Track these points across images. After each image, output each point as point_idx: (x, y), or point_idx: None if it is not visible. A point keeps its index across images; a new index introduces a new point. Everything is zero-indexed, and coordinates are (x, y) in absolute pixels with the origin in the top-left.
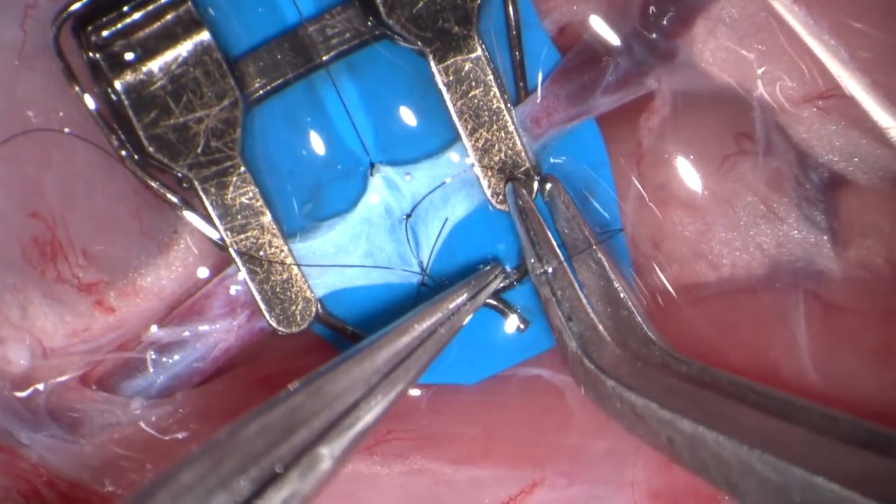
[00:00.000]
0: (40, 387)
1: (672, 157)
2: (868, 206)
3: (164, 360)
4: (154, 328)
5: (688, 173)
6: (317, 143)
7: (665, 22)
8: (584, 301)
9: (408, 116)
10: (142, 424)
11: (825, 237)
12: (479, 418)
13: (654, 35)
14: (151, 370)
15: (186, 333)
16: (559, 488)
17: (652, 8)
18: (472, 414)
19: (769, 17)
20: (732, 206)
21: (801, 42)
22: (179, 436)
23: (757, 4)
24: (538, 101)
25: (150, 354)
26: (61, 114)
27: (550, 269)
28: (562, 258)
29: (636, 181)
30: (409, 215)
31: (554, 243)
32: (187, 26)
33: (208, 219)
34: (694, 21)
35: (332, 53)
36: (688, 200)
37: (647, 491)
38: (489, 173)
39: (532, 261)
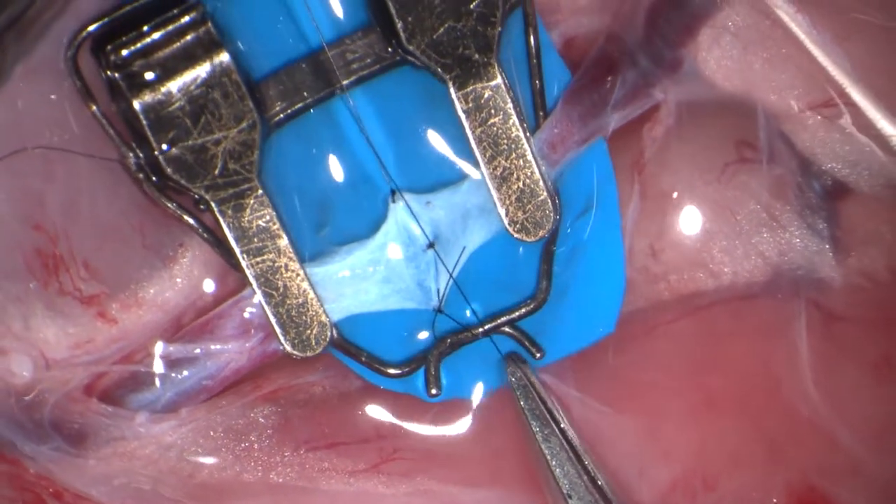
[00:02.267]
0: (44, 399)
1: (674, 165)
2: (870, 214)
3: (173, 375)
4: (162, 344)
5: (690, 182)
6: (336, 168)
7: (670, 31)
8: (584, 477)
9: (427, 143)
10: (145, 439)
11: (827, 245)
12: (486, 438)
13: (660, 45)
14: (158, 385)
15: (197, 351)
16: None
17: (657, 18)
18: (479, 434)
19: (773, 25)
20: (735, 214)
21: (806, 50)
22: (183, 451)
23: (761, 13)
24: (554, 126)
25: (159, 369)
26: (67, 131)
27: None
28: (559, 435)
29: (637, 190)
30: (431, 244)
31: (550, 419)
32: (207, 47)
33: (224, 241)
34: (699, 30)
35: (353, 78)
36: (689, 209)
37: None
38: (507, 202)
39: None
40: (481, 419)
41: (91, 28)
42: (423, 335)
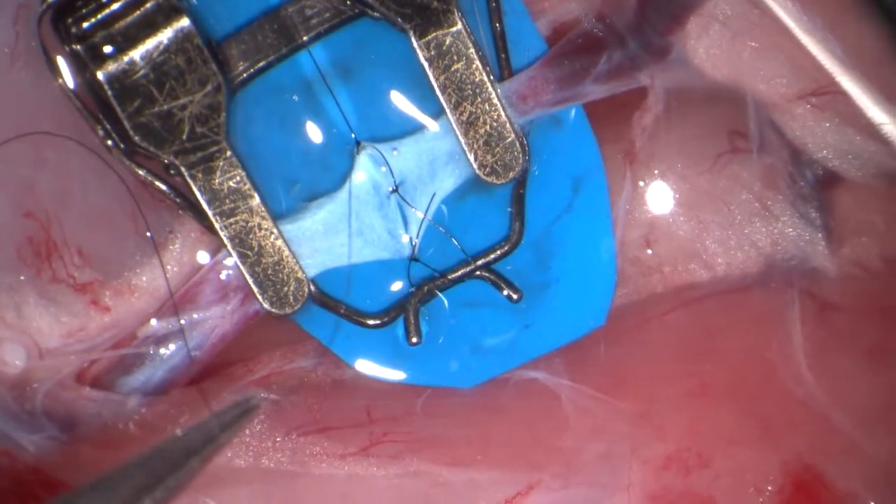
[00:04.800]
0: (37, 387)
1: (666, 155)
2: (862, 203)
3: (161, 351)
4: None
5: (682, 172)
6: (302, 124)
7: (659, 19)
8: None
9: (391, 93)
10: (138, 424)
11: (820, 235)
12: (476, 421)
13: (649, 31)
14: (148, 364)
15: (182, 322)
16: (555, 490)
17: (646, 5)
18: (468, 416)
19: (763, 14)
20: (727, 205)
21: (795, 39)
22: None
23: (750, 2)
24: (526, 79)
25: (147, 348)
26: (57, 116)
27: None
28: None
29: (628, 181)
30: (394, 189)
31: None
32: (167, 14)
33: (197, 204)
34: (687, 18)
35: (313, 34)
36: (681, 199)
37: (643, 494)
38: (475, 146)
39: None
40: (471, 403)
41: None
42: (400, 284)
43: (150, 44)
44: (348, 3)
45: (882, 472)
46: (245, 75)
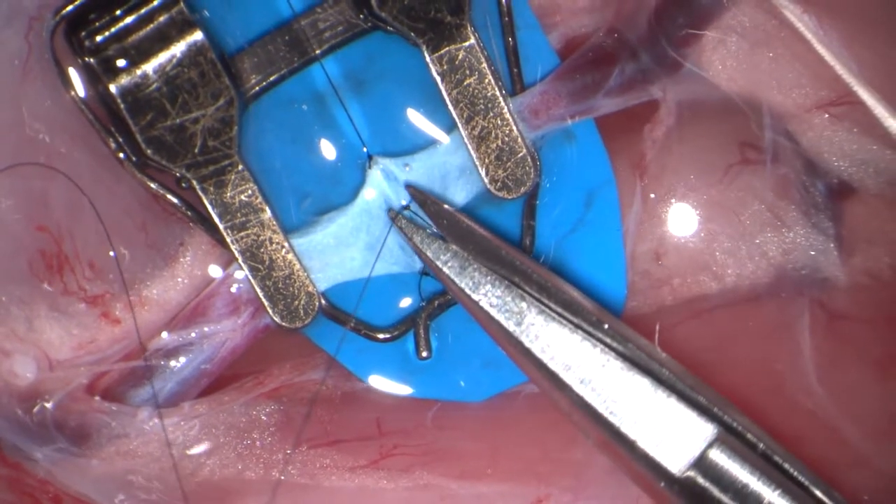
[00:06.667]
0: (47, 400)
1: (677, 168)
2: (875, 213)
3: (172, 364)
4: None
5: (692, 184)
6: (314, 138)
7: (676, 31)
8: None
9: (403, 107)
10: (147, 437)
11: (832, 244)
12: (485, 434)
13: (664, 44)
14: (158, 377)
15: (193, 335)
16: None
17: (663, 18)
18: (478, 430)
19: (780, 25)
20: (738, 215)
21: (813, 50)
22: (185, 448)
23: (767, 13)
24: (538, 94)
25: (157, 361)
26: (66, 125)
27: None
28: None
29: (639, 193)
30: (406, 206)
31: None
32: (180, 28)
33: (208, 218)
34: (705, 30)
35: (325, 47)
36: (692, 211)
37: None
38: (487, 161)
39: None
40: (481, 416)
41: (64, 12)
42: (410, 300)
43: (163, 57)
44: (361, 16)
45: (891, 484)
46: (257, 88)
